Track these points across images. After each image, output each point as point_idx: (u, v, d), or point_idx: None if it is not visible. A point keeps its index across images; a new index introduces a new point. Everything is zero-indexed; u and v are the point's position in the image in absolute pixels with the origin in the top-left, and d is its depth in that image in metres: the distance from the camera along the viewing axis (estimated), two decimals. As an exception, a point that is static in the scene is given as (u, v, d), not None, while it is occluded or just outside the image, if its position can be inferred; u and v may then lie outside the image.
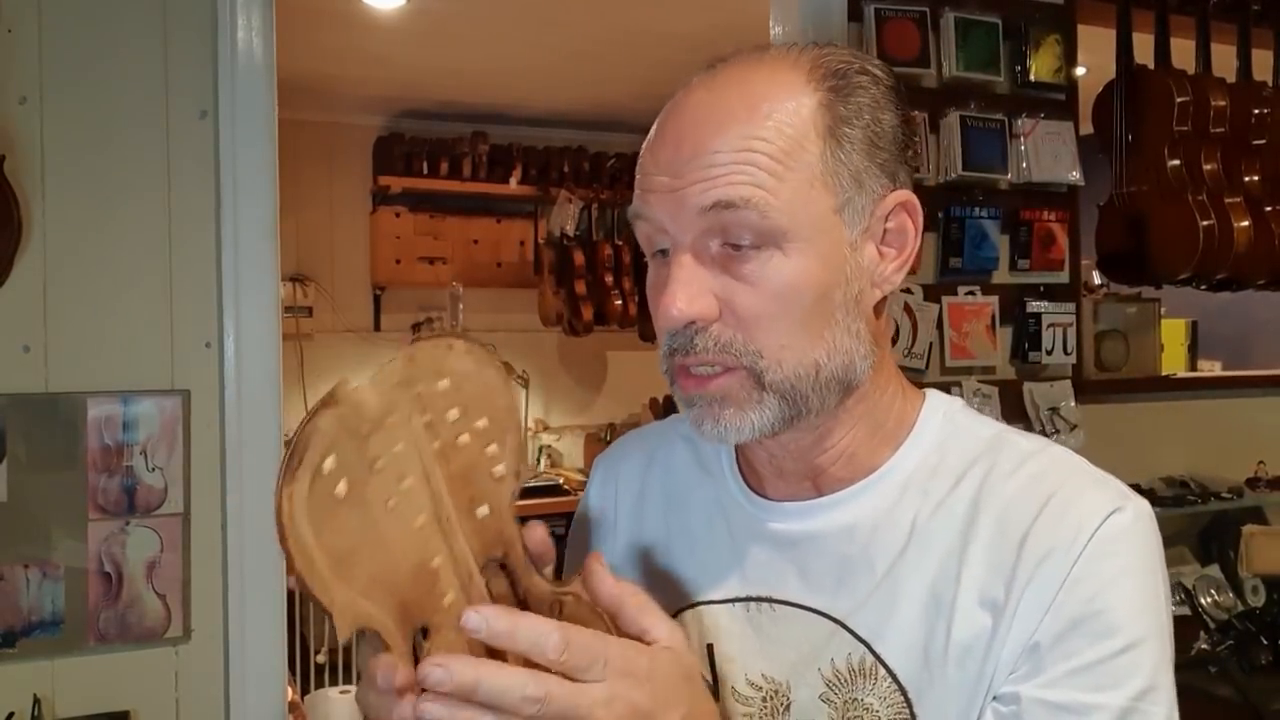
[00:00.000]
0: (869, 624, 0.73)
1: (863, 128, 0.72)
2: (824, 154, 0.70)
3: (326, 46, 3.48)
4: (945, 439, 0.78)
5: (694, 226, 0.70)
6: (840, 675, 0.73)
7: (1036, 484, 0.72)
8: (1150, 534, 0.71)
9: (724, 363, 0.71)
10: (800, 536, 0.78)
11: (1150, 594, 0.69)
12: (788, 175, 0.69)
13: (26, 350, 1.61)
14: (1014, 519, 0.71)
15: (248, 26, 1.71)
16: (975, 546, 0.71)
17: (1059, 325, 2.31)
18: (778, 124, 0.69)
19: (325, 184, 4.46)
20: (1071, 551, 0.68)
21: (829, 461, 0.77)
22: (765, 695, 0.77)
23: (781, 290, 0.69)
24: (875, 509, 0.76)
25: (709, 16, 3.11)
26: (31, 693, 1.59)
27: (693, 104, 0.72)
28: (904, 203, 0.74)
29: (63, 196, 1.63)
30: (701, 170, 0.69)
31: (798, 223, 0.69)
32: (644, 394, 4.90)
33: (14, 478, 1.60)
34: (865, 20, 2.10)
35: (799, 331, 0.70)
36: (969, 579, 0.70)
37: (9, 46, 1.60)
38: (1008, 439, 0.77)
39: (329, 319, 4.47)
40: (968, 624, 0.70)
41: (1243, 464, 2.63)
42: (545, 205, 4.59)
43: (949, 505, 0.74)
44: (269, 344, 1.74)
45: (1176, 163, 2.39)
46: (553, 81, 4.04)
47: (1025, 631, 0.68)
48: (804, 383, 0.71)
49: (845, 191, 0.71)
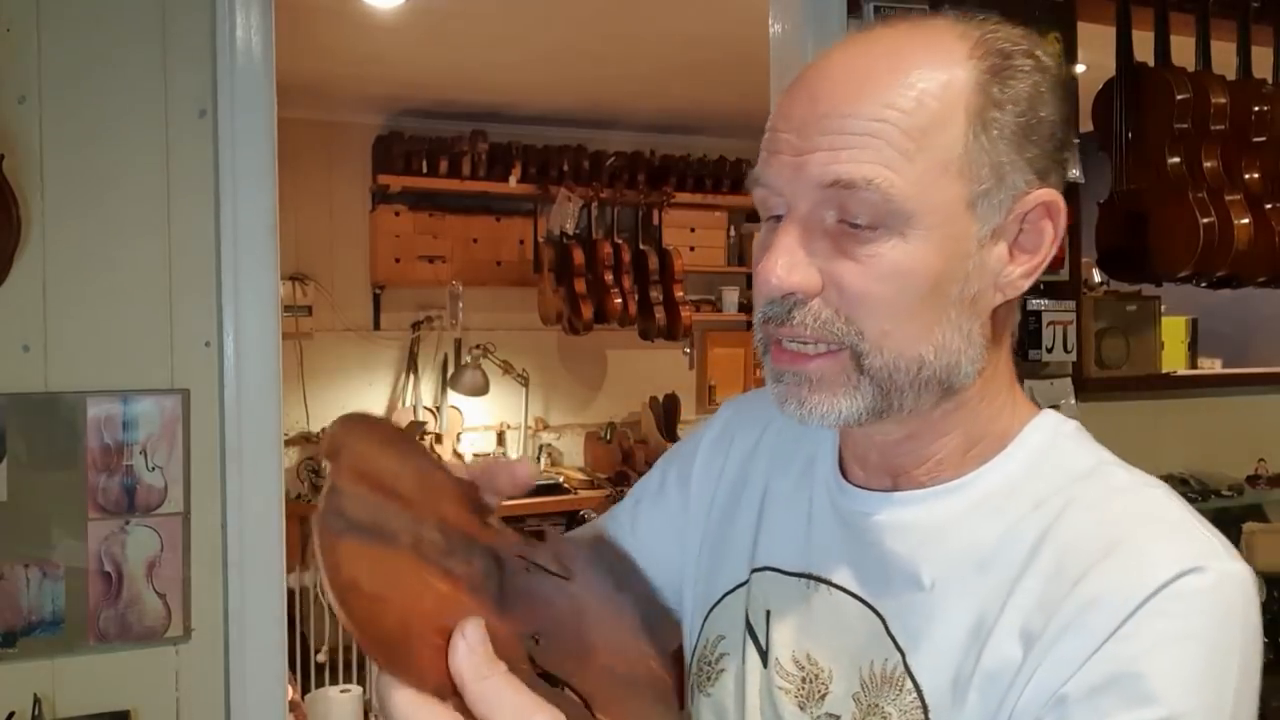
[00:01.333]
0: (907, 632, 0.70)
1: (1016, 116, 0.66)
2: (966, 138, 0.65)
3: (326, 45, 3.48)
4: (1039, 461, 0.72)
5: (810, 197, 0.66)
6: (874, 678, 0.71)
7: (1114, 524, 0.65)
8: (1234, 605, 0.62)
9: (823, 339, 0.66)
10: (864, 525, 0.75)
11: (1213, 670, 0.60)
12: (919, 156, 0.64)
13: (26, 350, 1.61)
14: (1077, 556, 0.64)
15: (246, 25, 1.71)
16: (1030, 578, 0.66)
17: (1059, 323, 2.31)
18: (921, 95, 0.64)
19: (324, 183, 4.45)
20: (1127, 603, 0.61)
21: (914, 464, 0.73)
22: (806, 676, 0.75)
23: (892, 274, 0.65)
24: (940, 517, 0.72)
25: (708, 15, 3.10)
26: (32, 692, 1.59)
27: (836, 60, 0.67)
28: (1047, 203, 0.68)
29: (62, 196, 1.63)
30: (828, 138, 0.64)
31: (923, 209, 0.64)
32: (644, 392, 4.90)
33: (14, 477, 1.60)
34: (865, 18, 2.09)
35: (905, 321, 0.66)
36: (1013, 608, 0.65)
37: (8, 46, 1.60)
38: (1105, 472, 0.70)
39: (328, 318, 4.47)
40: (998, 653, 0.65)
41: (1243, 461, 2.63)
42: (545, 204, 4.58)
43: (1018, 531, 0.68)
44: (269, 343, 1.74)
45: (1176, 160, 2.39)
46: (552, 80, 4.04)
47: (1056, 676, 0.62)
48: (902, 376, 0.67)
49: (982, 182, 0.65)
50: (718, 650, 0.83)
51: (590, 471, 4.76)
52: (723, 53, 3.37)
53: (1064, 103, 0.69)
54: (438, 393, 4.69)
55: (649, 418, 4.88)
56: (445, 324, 4.60)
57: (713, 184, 4.84)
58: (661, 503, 0.94)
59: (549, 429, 4.93)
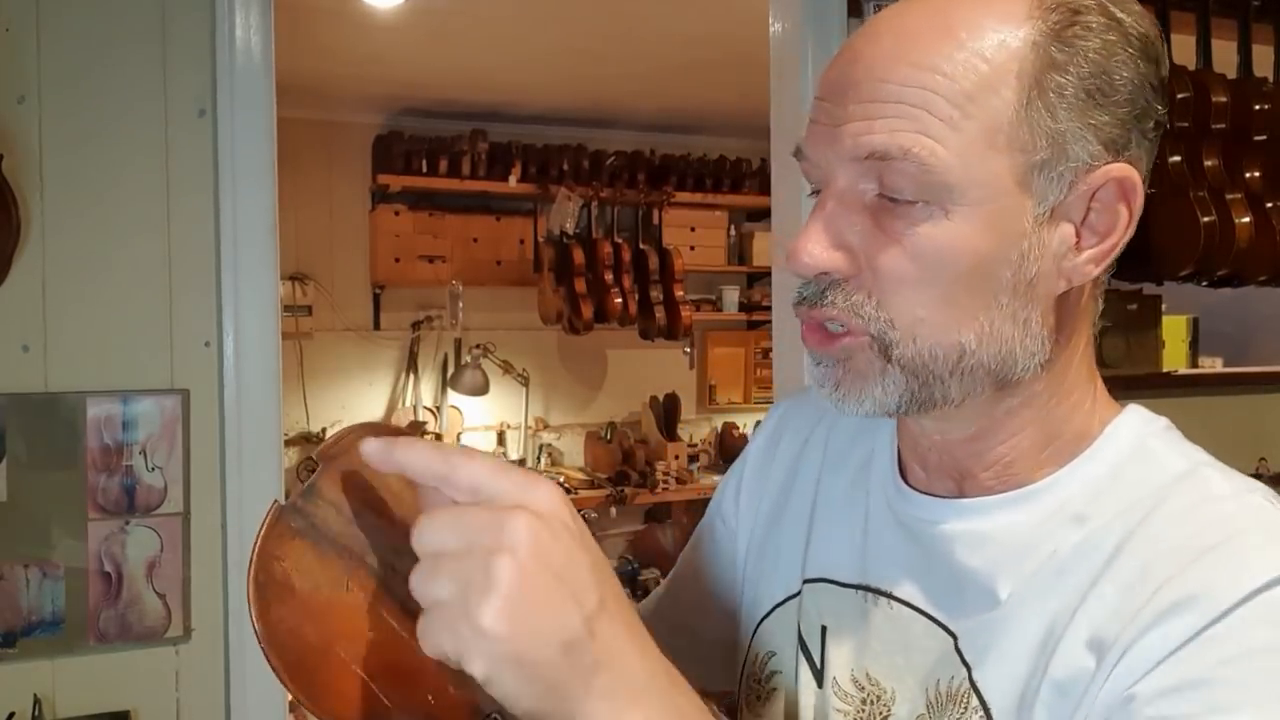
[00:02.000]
0: (977, 649, 0.64)
1: (1081, 80, 0.59)
2: (1019, 104, 0.58)
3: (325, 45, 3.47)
4: (1126, 464, 0.66)
5: (846, 170, 0.61)
6: (941, 699, 0.65)
7: (1209, 529, 0.59)
8: None
9: (849, 324, 0.62)
10: (930, 534, 0.69)
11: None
12: (964, 124, 0.58)
13: (26, 350, 1.61)
14: (1161, 564, 0.58)
15: (246, 25, 1.71)
16: (1106, 584, 0.60)
17: (1060, 322, 2.30)
18: (970, 57, 0.58)
19: (324, 182, 4.45)
20: (1217, 605, 0.55)
21: (980, 467, 0.67)
22: (867, 698, 0.70)
23: (930, 254, 0.60)
24: (1018, 525, 0.65)
25: (708, 14, 3.10)
26: (32, 692, 1.59)
27: (884, 21, 0.62)
28: (1121, 179, 0.61)
29: (61, 195, 1.63)
30: (863, 105, 0.59)
31: (968, 182, 0.58)
32: (644, 392, 4.90)
33: (14, 477, 1.60)
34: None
35: (942, 306, 0.60)
36: (1085, 616, 0.60)
37: (7, 45, 1.60)
38: (1202, 475, 0.64)
39: (328, 318, 4.46)
40: (1068, 664, 0.59)
41: (1244, 461, 2.63)
42: (545, 203, 4.58)
43: (1097, 538, 0.62)
44: (269, 343, 1.74)
45: (1177, 159, 2.38)
46: (552, 79, 4.04)
47: (1126, 680, 0.56)
48: (940, 365, 0.61)
49: (1038, 152, 0.59)
50: (768, 668, 0.78)
51: (590, 471, 4.75)
52: (723, 52, 3.36)
53: (1149, 64, 0.61)
54: (438, 392, 4.69)
55: (649, 417, 4.88)
56: (445, 324, 4.60)
57: (713, 183, 4.84)
58: (713, 542, 0.89)
59: (549, 429, 4.92)
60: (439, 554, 0.50)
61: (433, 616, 0.49)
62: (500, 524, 0.49)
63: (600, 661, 0.50)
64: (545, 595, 0.49)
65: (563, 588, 0.50)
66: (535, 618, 0.48)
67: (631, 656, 0.52)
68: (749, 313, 5.01)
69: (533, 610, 0.48)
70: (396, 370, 4.66)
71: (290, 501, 0.55)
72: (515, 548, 0.48)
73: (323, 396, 4.45)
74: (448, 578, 0.49)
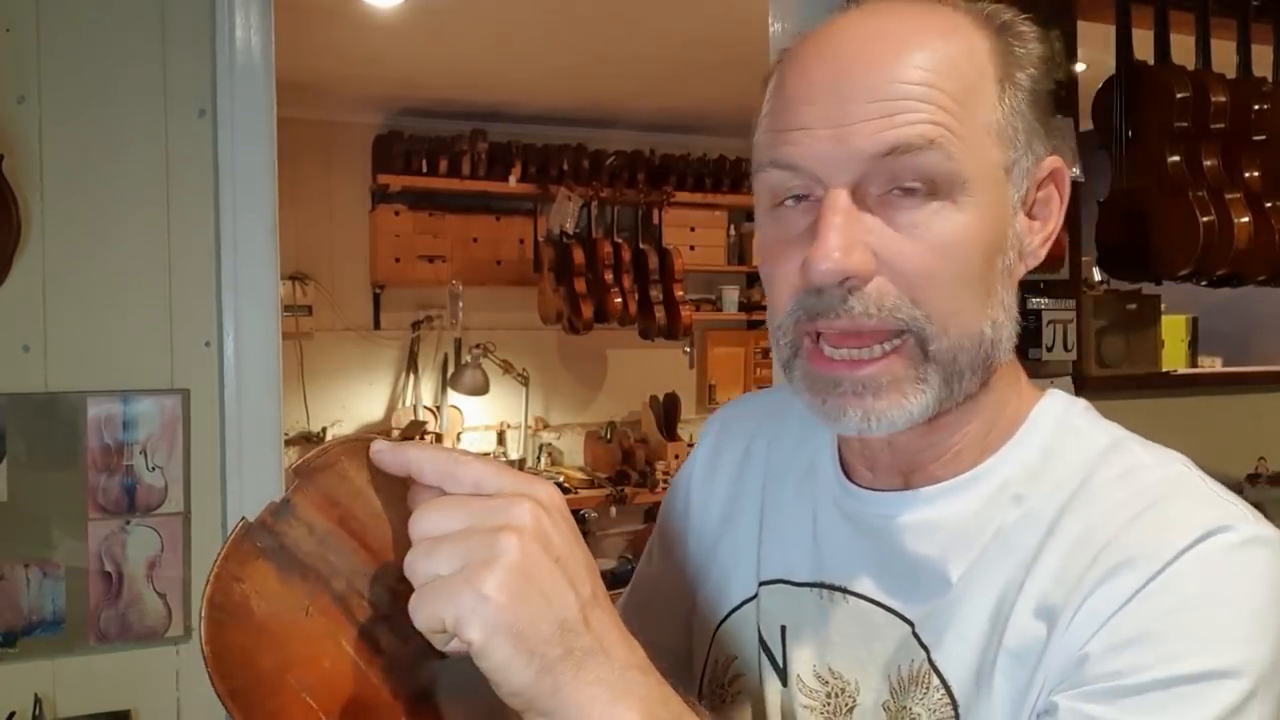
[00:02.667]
0: (933, 630, 0.67)
1: (1030, 82, 0.65)
2: (1001, 102, 0.63)
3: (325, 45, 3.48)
4: (1055, 443, 0.69)
5: (856, 171, 0.61)
6: (903, 683, 0.68)
7: (1138, 495, 0.63)
8: (1266, 563, 0.59)
9: (887, 326, 0.62)
10: (882, 528, 0.71)
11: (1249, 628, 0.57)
12: (966, 119, 0.61)
13: (26, 350, 1.61)
14: (1100, 528, 0.62)
15: (246, 25, 1.71)
16: (1049, 554, 0.63)
17: (1059, 322, 2.30)
18: (954, 59, 0.62)
19: (324, 182, 4.45)
20: (1153, 563, 0.58)
21: (932, 459, 0.70)
22: (831, 691, 0.72)
23: (949, 245, 0.61)
24: (962, 511, 0.68)
25: (708, 13, 3.10)
26: (32, 692, 1.59)
27: (856, 33, 0.64)
28: (1055, 170, 0.67)
29: (61, 196, 1.63)
30: (875, 106, 0.60)
31: (974, 174, 0.61)
32: (644, 392, 4.90)
33: (14, 477, 1.60)
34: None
35: (969, 297, 0.62)
36: (1032, 585, 0.63)
37: (7, 45, 1.60)
38: (1125, 448, 0.68)
39: (328, 317, 4.47)
40: (1020, 632, 0.62)
41: (1243, 460, 2.63)
42: (545, 203, 4.58)
43: (1036, 513, 0.66)
44: (269, 343, 1.74)
45: (1176, 159, 2.38)
46: (552, 79, 4.04)
47: (1079, 638, 0.59)
48: (965, 356, 0.63)
49: (1017, 148, 0.64)
50: (730, 672, 0.79)
51: (590, 471, 4.75)
52: (723, 52, 3.36)
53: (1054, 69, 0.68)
54: (438, 392, 4.69)
55: (649, 417, 4.88)
56: (445, 323, 4.60)
57: (713, 183, 4.84)
58: (664, 554, 0.90)
59: (549, 428, 4.92)
60: (440, 537, 0.51)
61: (430, 588, 0.50)
62: (506, 506, 0.51)
63: (592, 649, 0.51)
64: (546, 575, 0.50)
65: (561, 573, 0.51)
66: (535, 594, 0.49)
67: (621, 649, 0.53)
68: (749, 312, 5.01)
69: (533, 587, 0.49)
70: (396, 370, 4.66)
71: (259, 519, 0.52)
72: (521, 528, 0.50)
73: (323, 396, 4.45)
74: (449, 553, 0.50)
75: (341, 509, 0.54)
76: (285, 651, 0.51)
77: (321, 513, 0.53)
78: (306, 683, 0.51)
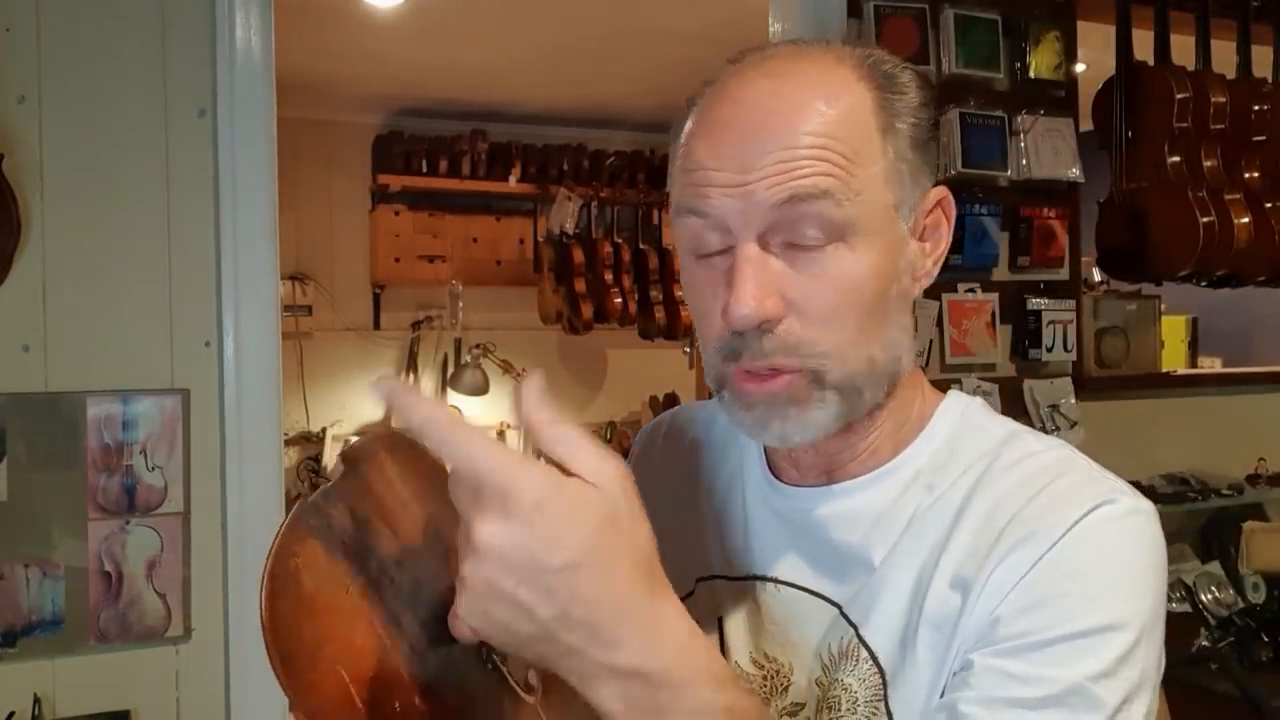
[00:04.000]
0: (860, 609, 0.74)
1: (911, 126, 0.72)
2: (885, 149, 0.71)
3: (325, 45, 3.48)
4: (957, 436, 0.78)
5: (762, 222, 0.68)
6: (833, 659, 0.74)
7: (1034, 478, 0.72)
8: (1144, 530, 0.69)
9: (787, 366, 0.69)
10: (807, 521, 0.79)
11: (1132, 586, 0.67)
12: (857, 170, 0.69)
13: (26, 350, 1.61)
14: (1003, 508, 0.71)
15: (246, 25, 1.71)
16: (960, 533, 0.71)
17: (1059, 322, 2.31)
18: (843, 117, 0.69)
19: (324, 182, 4.45)
20: (1051, 535, 0.67)
21: (850, 458, 0.78)
22: (767, 674, 0.78)
23: (849, 286, 0.69)
24: (879, 501, 0.76)
25: (708, 13, 3.10)
26: (32, 692, 1.59)
27: (755, 96, 0.71)
28: (942, 199, 0.76)
29: (62, 195, 1.63)
30: (775, 164, 0.67)
31: (865, 217, 0.69)
32: (644, 392, 4.90)
33: (14, 477, 1.60)
34: (865, 17, 2.10)
35: (861, 328, 0.70)
36: (947, 560, 0.71)
37: (8, 45, 1.60)
38: (1020, 438, 0.77)
39: (328, 317, 4.47)
40: (938, 604, 0.70)
41: (1243, 460, 2.63)
42: (545, 203, 4.58)
43: (946, 498, 0.74)
44: (269, 343, 1.74)
45: (1176, 159, 2.39)
46: (552, 79, 4.04)
47: (989, 607, 0.67)
48: (861, 378, 0.71)
49: (903, 187, 0.72)
50: None
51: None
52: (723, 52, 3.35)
53: (934, 107, 0.76)
54: (438, 392, 4.69)
55: (649, 417, 4.87)
56: (445, 323, 4.60)
57: (712, 183, 4.83)
58: None
59: (549, 428, 4.92)
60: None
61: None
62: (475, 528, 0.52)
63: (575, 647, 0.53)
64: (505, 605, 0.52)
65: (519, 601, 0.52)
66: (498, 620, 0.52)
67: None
68: (749, 313, 5.01)
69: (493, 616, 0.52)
70: (396, 370, 4.65)
71: (314, 500, 0.56)
72: (479, 554, 0.52)
73: (323, 396, 4.45)
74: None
75: (376, 497, 0.58)
76: (324, 625, 0.55)
77: (360, 500, 0.58)
78: (341, 656, 0.54)
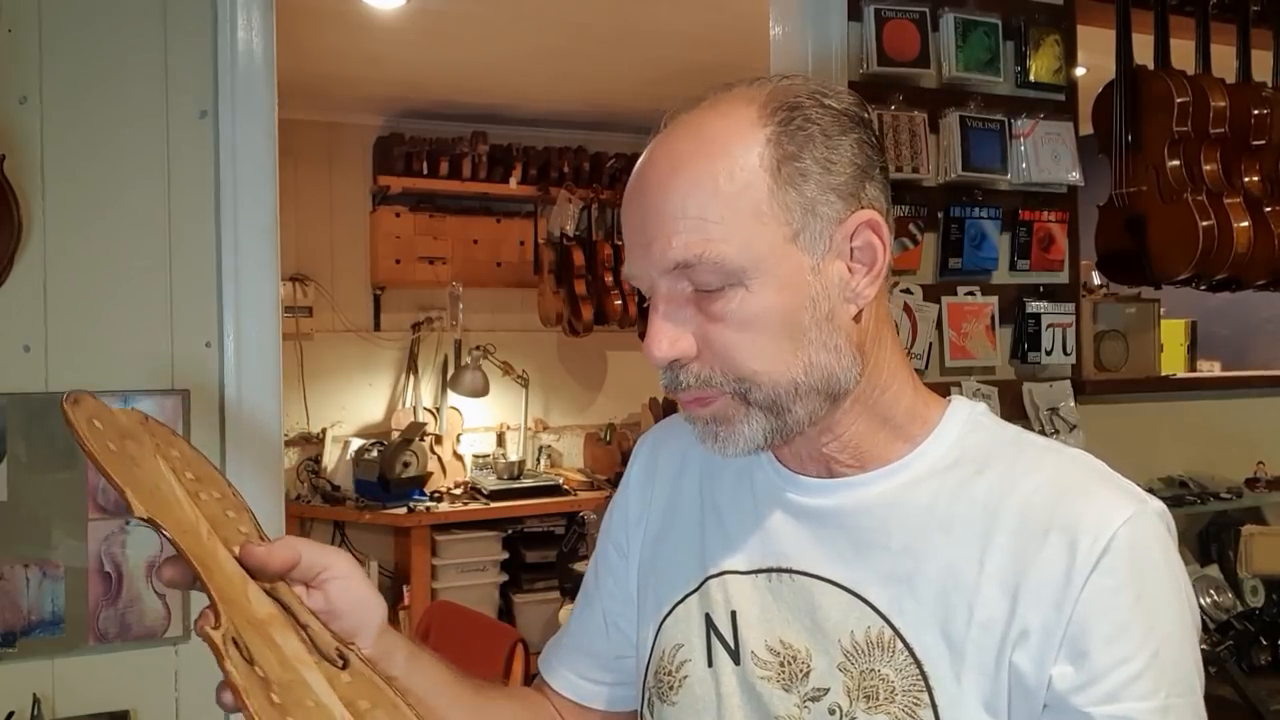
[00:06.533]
0: (887, 599, 0.77)
1: (815, 159, 0.75)
2: (772, 190, 0.74)
3: (326, 46, 3.48)
4: (967, 436, 0.82)
5: (664, 278, 0.76)
6: (858, 646, 0.77)
7: (1057, 479, 0.76)
8: (1167, 532, 0.75)
9: (712, 393, 0.77)
10: (818, 510, 0.82)
11: (1177, 593, 0.73)
12: (734, 220, 0.73)
13: (26, 350, 1.62)
14: (1036, 512, 0.74)
15: (247, 26, 1.71)
16: (1000, 534, 0.75)
17: (1058, 325, 2.31)
18: (726, 168, 0.74)
19: (325, 184, 4.46)
20: (1097, 540, 0.71)
21: (834, 452, 0.82)
22: (783, 660, 0.81)
23: (749, 322, 0.74)
24: (890, 490, 0.80)
25: (709, 15, 3.11)
26: (31, 692, 1.59)
27: (646, 167, 0.79)
28: (867, 221, 0.77)
29: (62, 196, 1.63)
30: (659, 228, 0.75)
31: (753, 261, 0.73)
32: (644, 393, 4.90)
33: (14, 477, 1.60)
34: (865, 20, 2.10)
35: (772, 355, 0.75)
36: (991, 564, 0.74)
37: (9, 46, 1.60)
38: (1026, 438, 0.82)
39: (329, 318, 4.47)
40: (989, 606, 0.73)
41: (1242, 464, 2.63)
42: (545, 205, 4.59)
43: (970, 492, 0.78)
44: (269, 344, 1.74)
45: (1176, 163, 2.39)
46: (553, 81, 4.05)
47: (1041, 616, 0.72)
48: (786, 398, 0.76)
49: (796, 222, 0.74)
50: (677, 658, 0.87)
51: (590, 473, 4.75)
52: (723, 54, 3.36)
53: (858, 130, 0.78)
54: (438, 394, 4.69)
55: (649, 419, 4.87)
56: (445, 325, 4.61)
57: (713, 185, 4.84)
58: (609, 570, 1.00)
59: (549, 430, 4.93)
60: None
61: None
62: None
63: None
64: None
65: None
66: None
67: None
68: (749, 315, 5.01)
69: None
70: (397, 371, 4.66)
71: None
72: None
73: (323, 397, 4.45)
74: None
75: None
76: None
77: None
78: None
